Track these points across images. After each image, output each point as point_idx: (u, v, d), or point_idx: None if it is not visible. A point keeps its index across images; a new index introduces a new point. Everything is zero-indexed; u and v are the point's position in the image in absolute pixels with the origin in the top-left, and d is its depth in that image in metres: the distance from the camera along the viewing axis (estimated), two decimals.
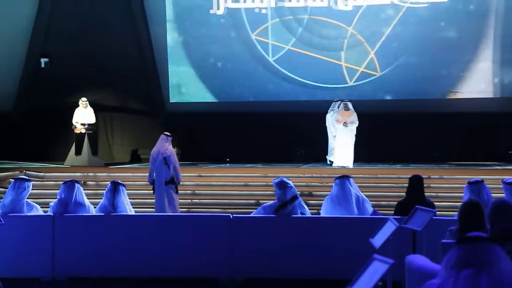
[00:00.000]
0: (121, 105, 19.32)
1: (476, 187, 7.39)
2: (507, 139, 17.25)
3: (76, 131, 16.39)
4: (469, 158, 17.06)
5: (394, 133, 17.33)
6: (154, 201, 11.36)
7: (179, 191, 11.52)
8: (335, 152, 15.79)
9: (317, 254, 7.79)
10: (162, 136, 11.60)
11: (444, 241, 5.77)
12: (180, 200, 11.63)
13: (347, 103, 15.76)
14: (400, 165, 15.94)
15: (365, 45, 17.96)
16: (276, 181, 8.03)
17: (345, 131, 15.53)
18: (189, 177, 13.61)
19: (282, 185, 7.93)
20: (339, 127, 15.64)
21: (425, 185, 8.49)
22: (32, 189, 8.41)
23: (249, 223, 8.08)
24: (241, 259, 7.91)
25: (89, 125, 16.49)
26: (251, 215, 8.35)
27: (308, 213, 8.33)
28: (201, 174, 14.60)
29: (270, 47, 18.42)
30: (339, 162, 15.59)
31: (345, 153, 15.52)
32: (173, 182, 11.23)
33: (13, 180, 8.43)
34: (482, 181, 7.55)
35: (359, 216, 8.16)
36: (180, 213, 11.13)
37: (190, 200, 12.99)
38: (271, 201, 8.26)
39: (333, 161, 15.85)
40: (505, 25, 17.38)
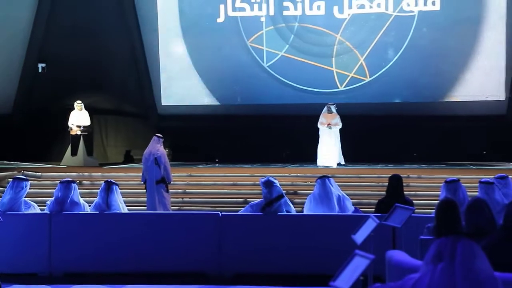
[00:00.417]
0: (115, 108, 19.44)
1: (452, 186, 7.45)
2: (482, 141, 17.55)
3: (72, 133, 16.55)
4: (446, 158, 17.25)
5: (379, 135, 17.53)
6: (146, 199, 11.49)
7: (170, 190, 11.62)
8: (319, 152, 15.98)
9: (302, 250, 7.89)
10: (154, 137, 11.72)
11: (422, 237, 5.97)
12: (171, 198, 11.73)
13: (331, 106, 16.01)
14: (381, 165, 16.06)
15: (355, 51, 18.18)
16: (262, 181, 8.14)
17: (329, 132, 15.81)
18: (180, 176, 13.73)
19: (268, 184, 8.05)
20: (322, 129, 15.92)
21: (404, 184, 8.53)
22: (29, 188, 8.49)
23: (237, 221, 8.19)
24: (229, 254, 8.01)
25: (84, 127, 16.65)
26: (239, 213, 8.43)
27: (293, 211, 8.41)
28: (192, 174, 14.71)
29: (264, 53, 18.57)
30: (323, 162, 15.80)
31: (328, 154, 15.74)
32: (164, 181, 11.35)
33: (12, 179, 8.49)
34: (458, 180, 7.61)
35: (342, 213, 8.27)
36: (171, 211, 11.18)
37: (181, 198, 13.14)
38: (258, 200, 8.36)
39: (317, 161, 16.01)
40: (488, 33, 17.64)
